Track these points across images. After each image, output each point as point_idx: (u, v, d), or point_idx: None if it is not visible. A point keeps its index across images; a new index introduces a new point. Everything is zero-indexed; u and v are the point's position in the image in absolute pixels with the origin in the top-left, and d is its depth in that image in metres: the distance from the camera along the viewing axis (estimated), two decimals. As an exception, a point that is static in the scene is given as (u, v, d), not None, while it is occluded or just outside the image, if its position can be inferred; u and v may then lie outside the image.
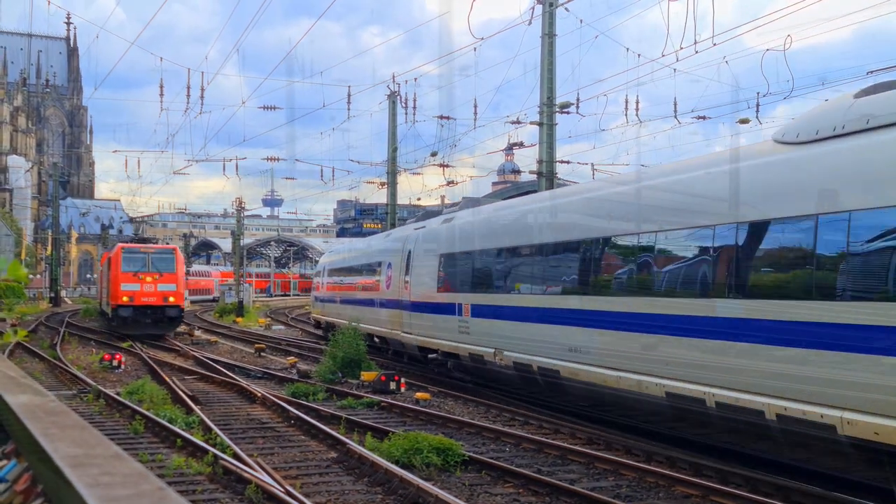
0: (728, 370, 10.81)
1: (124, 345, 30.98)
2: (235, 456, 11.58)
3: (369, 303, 27.51)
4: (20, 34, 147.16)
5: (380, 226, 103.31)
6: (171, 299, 34.49)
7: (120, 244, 38.32)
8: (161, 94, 34.51)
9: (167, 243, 52.74)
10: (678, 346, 11.87)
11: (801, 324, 9.66)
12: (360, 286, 29.64)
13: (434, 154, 37.39)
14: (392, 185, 40.64)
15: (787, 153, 10.61)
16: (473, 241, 19.44)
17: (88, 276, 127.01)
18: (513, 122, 30.54)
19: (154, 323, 34.57)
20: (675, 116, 30.69)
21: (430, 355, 21.82)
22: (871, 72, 26.67)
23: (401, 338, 23.55)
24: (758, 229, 10.74)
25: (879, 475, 10.20)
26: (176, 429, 13.59)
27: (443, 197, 74.50)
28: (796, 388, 9.69)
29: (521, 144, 33.99)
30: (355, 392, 18.40)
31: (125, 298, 33.72)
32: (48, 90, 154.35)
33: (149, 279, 34.08)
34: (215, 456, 11.40)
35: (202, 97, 33.30)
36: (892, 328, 8.60)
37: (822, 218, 9.62)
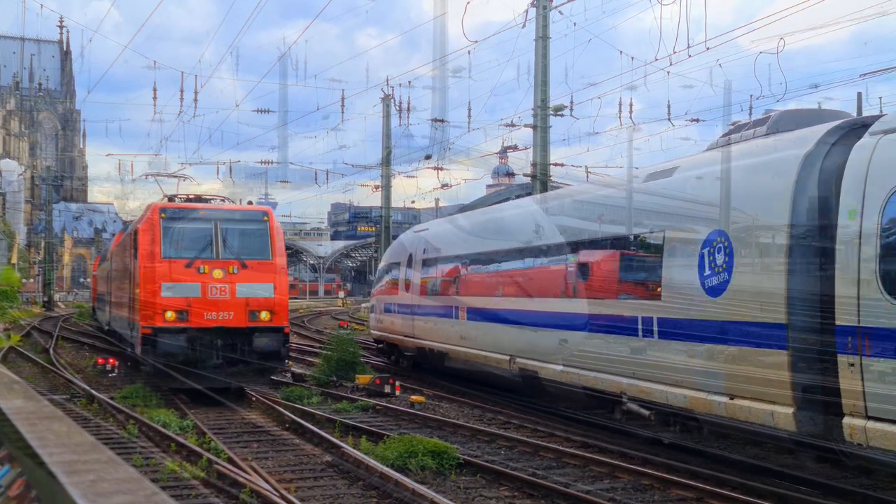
0: None
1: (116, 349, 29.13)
2: (230, 460, 11.56)
3: (603, 324, 13.61)
4: (13, 38, 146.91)
5: (374, 229, 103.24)
6: (265, 315, 17.77)
7: (156, 204, 19.25)
8: (154, 98, 34.49)
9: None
10: None
11: None
12: (558, 288, 15.17)
13: (428, 157, 37.42)
14: (386, 187, 40.69)
15: None
16: None
17: (81, 279, 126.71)
18: (507, 125, 30.61)
19: (231, 364, 17.61)
20: (669, 119, 30.76)
21: None
22: (864, 75, 26.77)
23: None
24: None
25: (874, 483, 10.22)
26: (170, 433, 13.56)
27: (437, 200, 74.41)
28: None
29: (515, 147, 34.06)
30: (350, 395, 18.37)
31: (169, 315, 17.29)
32: (41, 94, 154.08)
33: (218, 273, 17.64)
34: (209, 460, 11.36)
35: (195, 100, 33.18)
36: None
37: None
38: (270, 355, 17.93)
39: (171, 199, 20.08)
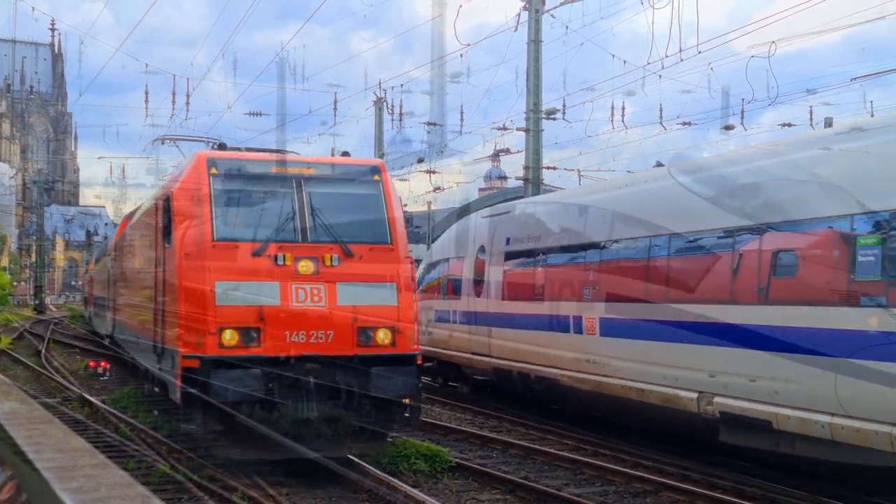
0: None
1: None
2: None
3: None
4: (4, 40, 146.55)
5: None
6: (385, 336, 10.86)
7: (202, 152, 11.90)
8: (146, 101, 34.24)
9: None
10: None
11: None
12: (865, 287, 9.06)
13: (421, 160, 37.41)
14: (379, 191, 40.54)
15: None
16: None
17: (73, 283, 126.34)
18: (499, 129, 30.60)
19: (331, 418, 10.44)
20: (661, 122, 30.78)
21: None
22: (855, 78, 26.87)
23: None
24: None
25: (866, 484, 10.24)
26: (160, 436, 13.53)
27: (429, 203, 74.42)
28: None
29: (507, 151, 34.04)
30: (342, 398, 18.28)
31: (228, 336, 10.29)
32: (32, 96, 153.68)
33: (306, 266, 10.73)
34: (201, 463, 11.34)
35: (188, 102, 32.99)
36: None
37: None
38: (394, 405, 10.99)
39: (221, 146, 12.97)
